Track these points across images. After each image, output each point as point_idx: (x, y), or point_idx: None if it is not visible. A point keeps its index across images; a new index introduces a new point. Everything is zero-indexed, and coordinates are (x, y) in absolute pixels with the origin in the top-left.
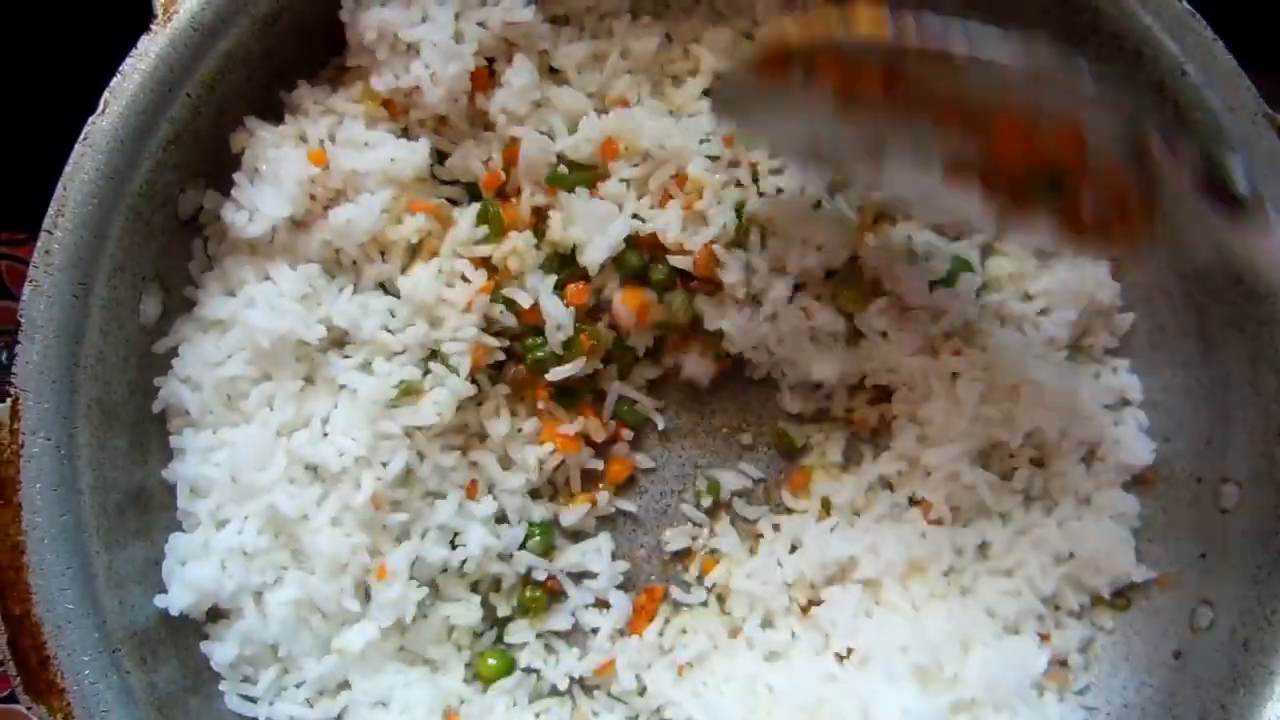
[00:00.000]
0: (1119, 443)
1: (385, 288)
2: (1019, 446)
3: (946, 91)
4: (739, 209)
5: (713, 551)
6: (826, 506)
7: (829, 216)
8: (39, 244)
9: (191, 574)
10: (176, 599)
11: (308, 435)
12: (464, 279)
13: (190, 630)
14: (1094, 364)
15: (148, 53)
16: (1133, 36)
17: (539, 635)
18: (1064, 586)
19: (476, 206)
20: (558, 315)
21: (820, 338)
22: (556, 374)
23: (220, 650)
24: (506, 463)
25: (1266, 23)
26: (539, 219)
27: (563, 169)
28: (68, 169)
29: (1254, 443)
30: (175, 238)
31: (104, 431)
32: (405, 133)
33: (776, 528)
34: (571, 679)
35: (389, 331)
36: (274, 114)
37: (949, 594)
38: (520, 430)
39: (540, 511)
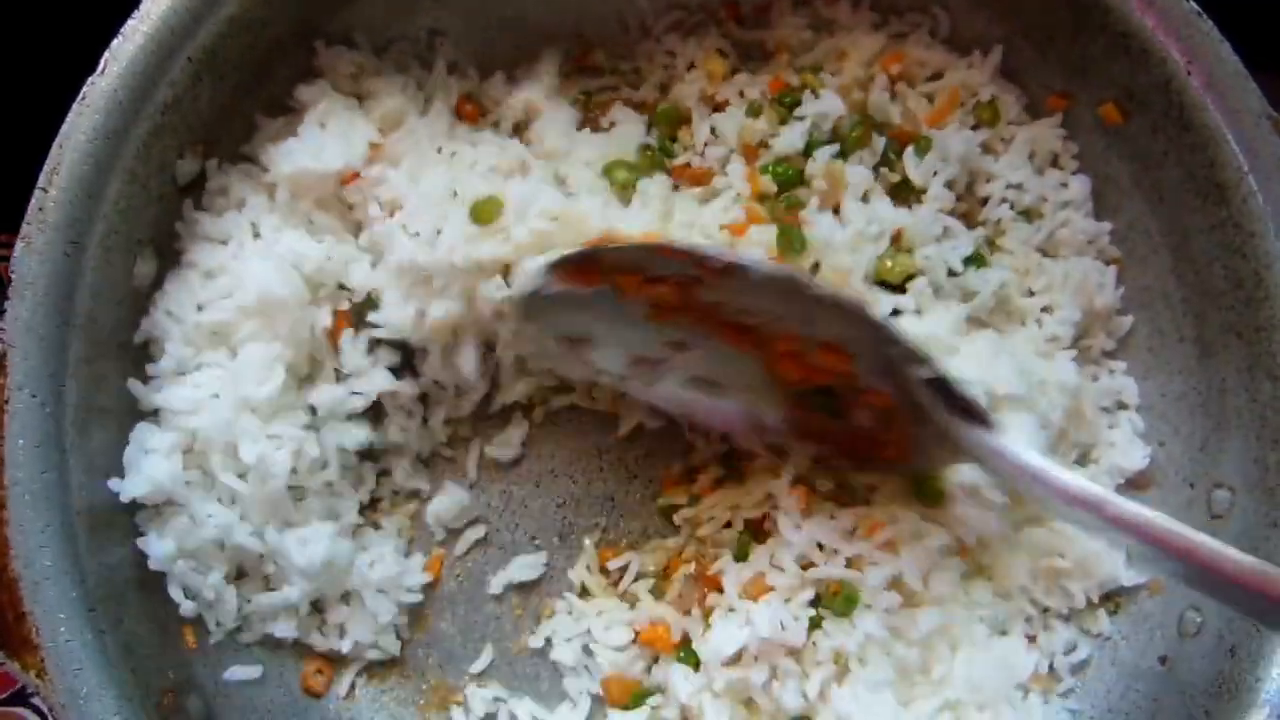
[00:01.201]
0: (1114, 446)
1: None
2: None
3: (732, 313)
4: None
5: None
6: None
7: None
8: (33, 201)
9: (150, 465)
10: (131, 486)
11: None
12: None
13: (164, 588)
14: (1092, 366)
15: (150, 14)
16: (1138, 36)
17: None
18: (1053, 589)
19: None
20: None
21: None
22: None
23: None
24: None
25: (1273, 23)
26: None
27: None
28: (64, 128)
29: (1248, 448)
30: (173, 204)
31: (92, 391)
32: None
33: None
34: None
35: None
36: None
37: (937, 595)
38: None
39: None
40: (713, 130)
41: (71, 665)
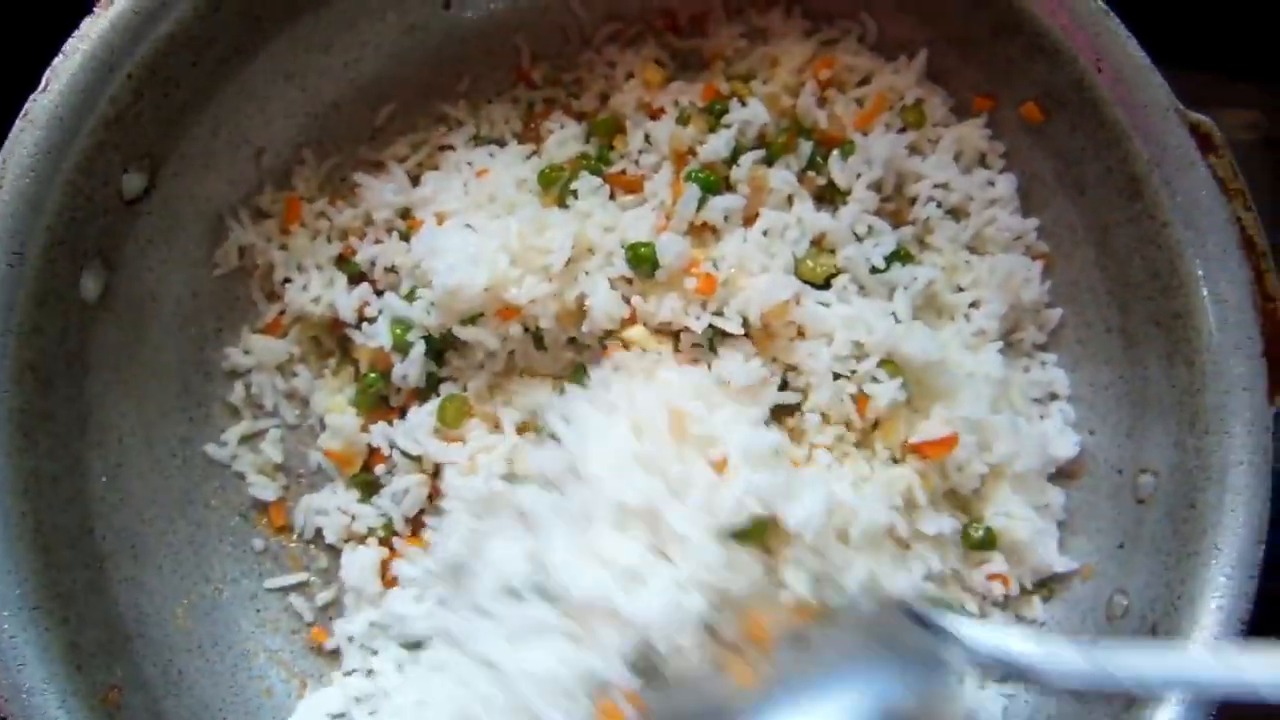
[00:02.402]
0: (1045, 436)
1: None
2: None
3: None
4: None
5: None
6: None
7: None
8: None
9: None
10: None
11: None
12: None
13: (115, 589)
14: (1024, 359)
15: (89, 34)
16: (1051, 34)
17: None
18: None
19: None
20: None
21: None
22: None
23: None
24: None
25: (1186, 20)
26: None
27: None
28: (7, 143)
29: (1169, 433)
30: (120, 217)
31: (36, 399)
32: None
33: None
34: None
35: None
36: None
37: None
38: None
39: None
40: (646, 138)
41: (15, 661)
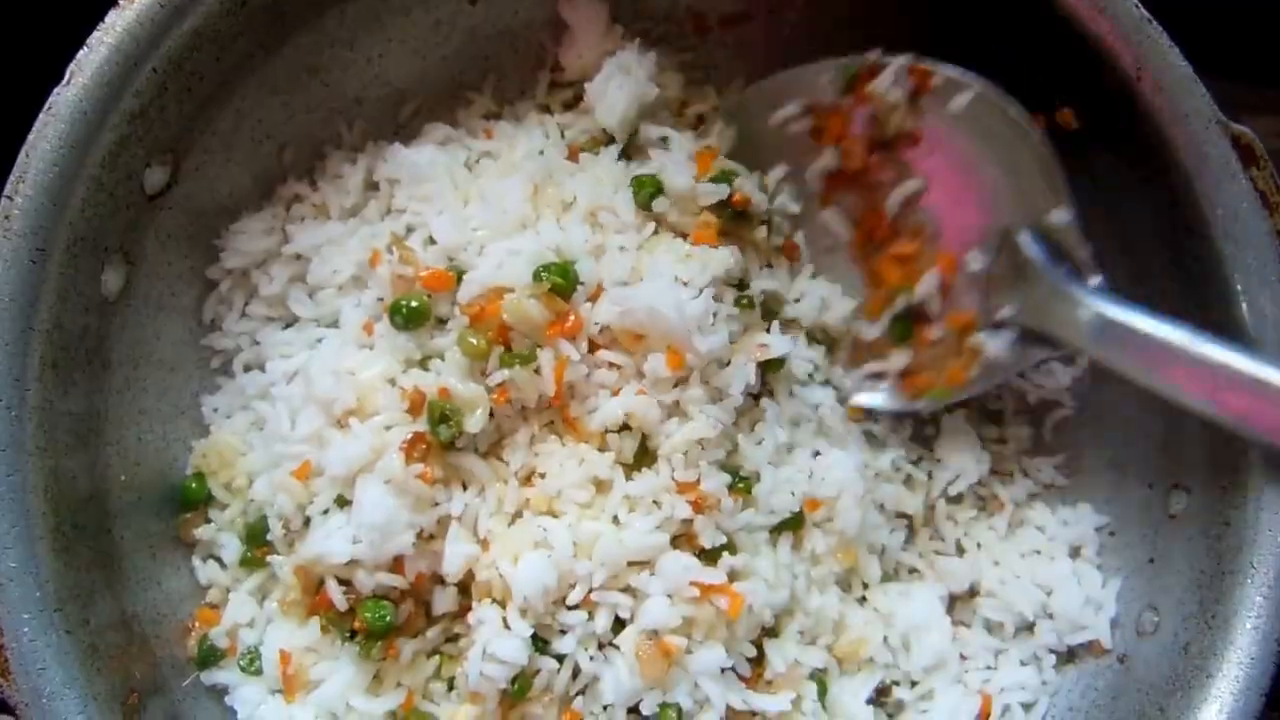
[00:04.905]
0: None
1: None
2: None
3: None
4: None
5: None
6: None
7: None
8: None
9: None
10: None
11: None
12: None
13: (133, 589)
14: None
15: (114, 26)
16: (1092, 42)
17: None
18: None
19: None
20: None
21: None
22: None
23: None
24: None
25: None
26: None
27: None
28: (30, 137)
29: (1202, 448)
30: (142, 212)
31: (57, 396)
32: None
33: None
34: None
35: None
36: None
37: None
38: None
39: None
40: None
41: (35, 665)
